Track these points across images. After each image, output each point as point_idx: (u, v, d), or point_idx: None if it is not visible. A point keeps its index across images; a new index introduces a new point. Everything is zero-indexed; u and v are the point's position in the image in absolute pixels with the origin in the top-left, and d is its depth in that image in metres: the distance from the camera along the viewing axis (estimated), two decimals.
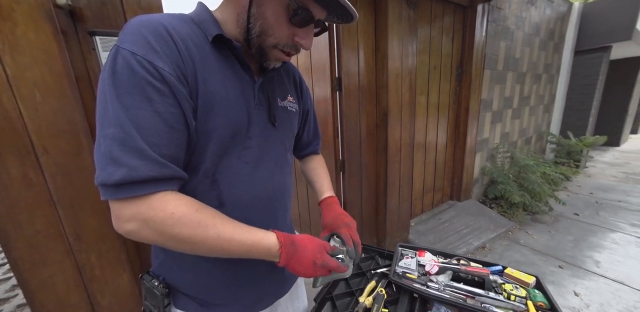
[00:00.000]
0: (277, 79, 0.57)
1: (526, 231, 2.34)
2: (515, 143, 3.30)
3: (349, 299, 0.74)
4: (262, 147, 0.51)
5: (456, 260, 0.82)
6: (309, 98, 0.70)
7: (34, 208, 0.73)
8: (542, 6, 3.00)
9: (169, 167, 0.37)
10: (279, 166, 0.55)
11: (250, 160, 0.49)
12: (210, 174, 0.45)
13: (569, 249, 2.05)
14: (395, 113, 1.68)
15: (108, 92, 0.35)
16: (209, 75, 0.42)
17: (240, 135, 0.47)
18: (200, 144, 0.43)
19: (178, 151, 0.39)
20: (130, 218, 0.36)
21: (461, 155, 2.47)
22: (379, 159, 1.77)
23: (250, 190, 0.50)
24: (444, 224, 2.19)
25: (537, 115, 3.68)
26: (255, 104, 0.49)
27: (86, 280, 0.86)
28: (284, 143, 0.57)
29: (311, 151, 0.77)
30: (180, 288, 0.53)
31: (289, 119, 0.58)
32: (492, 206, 2.69)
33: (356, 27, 1.47)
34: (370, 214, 1.87)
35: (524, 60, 2.94)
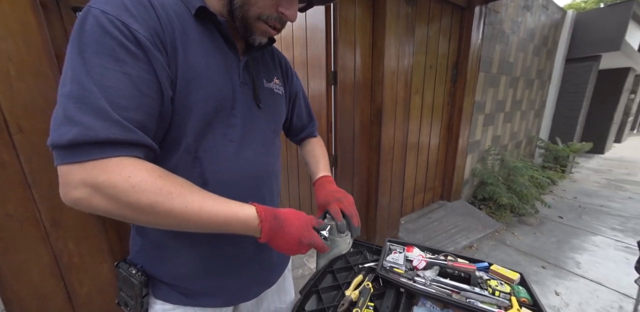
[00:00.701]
0: (262, 61, 0.55)
1: (512, 232, 2.38)
2: (505, 146, 3.35)
3: (335, 292, 0.73)
4: (247, 127, 0.49)
5: (443, 256, 0.82)
6: (297, 82, 0.69)
7: (5, 190, 0.69)
8: (538, 12, 3.05)
9: (134, 132, 0.33)
10: (266, 148, 0.53)
11: (235, 138, 0.47)
12: (193, 150, 0.43)
13: (553, 250, 2.10)
14: (390, 110, 1.67)
15: (72, 52, 0.32)
16: (190, 46, 0.40)
17: (224, 112, 0.45)
18: (180, 117, 0.40)
19: (148, 119, 0.35)
20: (80, 183, 0.31)
21: (453, 156, 2.48)
22: (372, 156, 1.76)
23: (235, 169, 0.47)
24: (434, 223, 2.20)
25: (528, 120, 3.74)
26: (241, 83, 0.48)
27: (63, 268, 0.82)
28: (271, 125, 0.55)
29: (307, 135, 0.75)
30: (160, 277, 0.50)
31: (275, 101, 0.57)
32: (481, 207, 2.72)
33: (353, 22, 1.45)
34: (361, 211, 1.86)
35: (517, 65, 2.98)
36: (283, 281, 0.72)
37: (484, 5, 2.14)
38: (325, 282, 0.76)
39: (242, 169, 0.48)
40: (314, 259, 1.89)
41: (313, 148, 0.75)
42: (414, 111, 2.07)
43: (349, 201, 0.58)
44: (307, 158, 0.74)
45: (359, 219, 0.57)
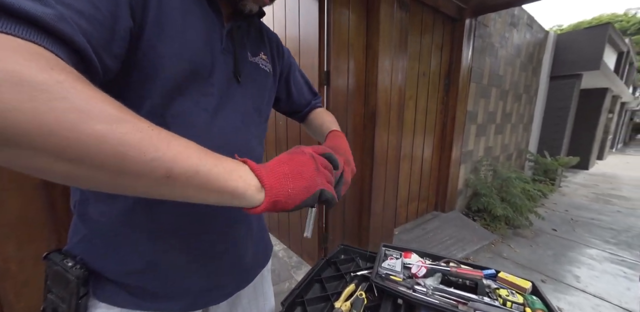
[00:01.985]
0: (248, 33, 0.51)
1: (508, 244, 2.32)
2: (497, 158, 3.39)
3: (323, 304, 0.63)
4: (225, 98, 0.44)
5: (445, 263, 0.74)
6: (291, 59, 0.65)
7: None
8: (523, 30, 3.23)
9: (69, 23, 0.23)
10: (246, 125, 0.48)
11: (209, 108, 0.42)
12: (159, 113, 0.37)
13: (550, 263, 2.04)
14: (384, 114, 1.64)
15: None
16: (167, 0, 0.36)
17: (199, 78, 0.40)
18: (145, 71, 0.35)
19: (102, 43, 0.28)
20: None
21: (446, 165, 2.47)
22: (365, 160, 1.70)
23: (207, 140, 0.39)
24: (428, 234, 2.12)
25: (518, 133, 3.84)
26: (223, 49, 0.43)
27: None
28: (253, 102, 0.50)
29: (311, 107, 0.71)
30: (107, 273, 0.40)
31: (261, 77, 0.52)
32: (475, 218, 2.68)
33: (347, 24, 1.46)
34: (353, 218, 1.77)
35: (506, 78, 3.09)
36: (261, 283, 0.64)
37: (474, 18, 2.24)
38: (313, 293, 0.67)
39: (216, 142, 0.42)
40: (301, 271, 1.75)
41: (321, 115, 0.70)
42: (407, 117, 2.07)
43: (352, 169, 0.52)
44: (315, 124, 0.69)
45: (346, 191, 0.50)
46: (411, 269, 0.69)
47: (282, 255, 1.97)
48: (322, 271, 0.75)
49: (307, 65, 1.50)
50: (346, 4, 1.42)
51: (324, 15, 1.37)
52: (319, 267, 0.74)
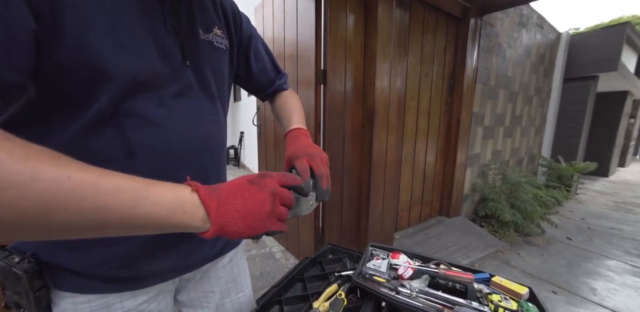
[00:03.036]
0: (197, 4, 0.44)
1: (517, 252, 2.21)
2: (507, 162, 3.28)
3: (302, 304, 0.61)
4: (181, 88, 0.40)
5: (435, 264, 0.70)
6: (250, 30, 0.57)
7: None
8: (533, 30, 3.16)
9: None
10: (207, 113, 0.45)
11: (165, 102, 0.38)
12: (108, 115, 0.34)
13: (563, 274, 1.93)
14: (382, 114, 1.62)
15: None
16: None
17: (153, 71, 0.36)
18: (88, 72, 0.31)
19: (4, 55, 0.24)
20: None
21: (451, 168, 2.40)
22: (363, 161, 1.68)
23: (170, 137, 0.39)
24: (431, 239, 2.05)
25: (529, 137, 3.72)
26: (167, 32, 0.38)
27: None
28: (211, 88, 0.46)
29: (277, 88, 0.66)
30: (64, 263, 0.39)
31: (217, 58, 0.47)
32: (483, 225, 2.58)
33: (345, 22, 1.46)
34: (351, 220, 1.73)
35: (515, 80, 3.02)
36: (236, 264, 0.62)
37: (479, 17, 2.21)
38: (293, 292, 0.65)
39: (179, 138, 0.40)
40: None
41: (285, 101, 0.65)
42: (409, 118, 2.03)
43: (322, 159, 0.49)
44: (279, 112, 0.65)
45: (329, 181, 0.48)
46: (398, 270, 0.66)
47: (279, 257, 1.95)
48: (306, 270, 0.73)
49: (304, 64, 1.50)
50: (343, 3, 1.42)
51: (320, 14, 1.38)
52: (303, 266, 0.72)
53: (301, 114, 0.63)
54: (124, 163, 0.36)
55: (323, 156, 0.50)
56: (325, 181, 0.46)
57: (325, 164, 0.49)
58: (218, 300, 0.58)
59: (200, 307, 0.57)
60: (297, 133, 0.56)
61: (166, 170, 0.39)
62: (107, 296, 0.41)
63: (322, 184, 0.46)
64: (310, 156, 0.48)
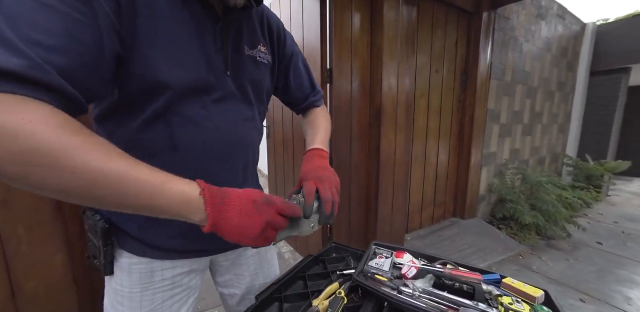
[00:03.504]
0: (247, 24, 0.52)
1: (540, 256, 2.09)
2: (527, 162, 3.12)
3: (302, 302, 0.61)
4: (223, 95, 0.47)
5: (441, 264, 0.68)
6: (293, 48, 0.64)
7: None
8: (553, 22, 3.00)
9: (43, 70, 0.26)
10: (244, 118, 0.52)
11: (207, 105, 0.46)
12: (161, 114, 0.42)
13: (593, 281, 1.79)
14: (390, 113, 1.60)
15: None
16: (155, 9, 0.38)
17: (202, 81, 0.44)
18: (148, 82, 0.39)
19: (84, 70, 0.30)
20: None
21: (465, 168, 2.32)
22: (371, 161, 1.66)
23: (207, 135, 0.46)
24: (445, 242, 1.98)
25: (551, 135, 3.52)
26: (217, 49, 0.46)
27: (9, 256, 0.75)
28: (249, 97, 0.52)
29: (310, 104, 0.70)
30: (128, 229, 0.49)
31: (259, 71, 0.54)
32: (501, 227, 2.46)
33: (350, 20, 1.46)
34: (359, 221, 1.71)
35: (534, 75, 2.88)
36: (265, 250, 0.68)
37: (493, 11, 2.13)
38: (294, 290, 0.65)
39: (216, 136, 0.47)
40: None
41: (314, 119, 0.69)
42: (419, 116, 1.99)
43: (331, 183, 0.51)
44: (306, 130, 0.70)
45: (336, 206, 0.49)
46: (401, 270, 0.64)
47: (288, 257, 1.96)
48: (309, 268, 0.73)
49: (310, 64, 1.51)
50: (349, 1, 1.43)
51: (325, 14, 1.39)
52: (305, 264, 0.72)
53: (325, 134, 0.66)
54: (169, 154, 0.44)
55: (333, 180, 0.52)
56: (329, 206, 0.47)
57: (334, 187, 0.51)
58: (248, 282, 0.66)
59: (233, 288, 0.65)
60: (313, 154, 0.59)
61: (202, 163, 0.46)
62: (154, 263, 0.50)
63: (325, 209, 0.47)
64: (320, 179, 0.50)
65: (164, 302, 0.51)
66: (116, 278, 0.50)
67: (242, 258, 0.64)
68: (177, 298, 0.53)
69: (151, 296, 0.50)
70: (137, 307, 0.49)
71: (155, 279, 0.50)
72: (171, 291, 0.52)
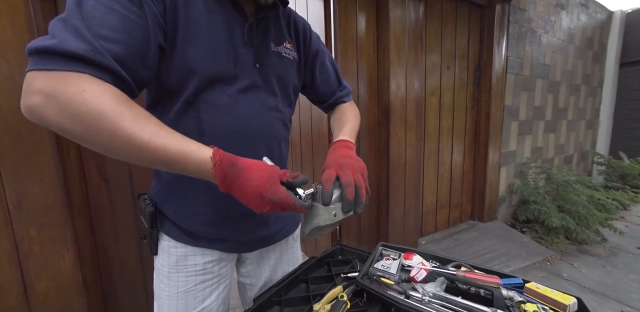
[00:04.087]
0: (273, 23, 0.57)
1: (570, 262, 1.93)
2: (551, 161, 2.93)
3: (303, 306, 0.58)
4: (248, 85, 0.52)
5: (455, 267, 0.63)
6: (319, 46, 0.67)
7: None
8: (575, 12, 2.84)
9: (105, 56, 0.34)
10: (267, 108, 0.55)
11: (232, 94, 0.50)
12: (192, 100, 0.48)
13: (635, 290, 1.63)
14: (399, 110, 1.55)
15: None
16: (192, 4, 0.45)
17: (225, 71, 0.49)
18: (182, 70, 0.45)
19: (127, 56, 0.37)
20: (37, 90, 0.31)
21: (482, 167, 2.21)
22: (381, 160, 1.61)
23: (229, 122, 0.50)
24: (462, 245, 1.88)
25: (578, 132, 3.30)
26: (244, 43, 0.51)
27: (22, 256, 0.78)
28: (273, 88, 0.56)
29: (337, 100, 0.72)
30: (168, 214, 0.56)
31: (283, 65, 0.57)
32: (524, 230, 2.31)
33: (354, 18, 1.44)
34: (370, 224, 1.66)
35: (556, 68, 2.72)
36: (287, 249, 0.71)
37: (507, 3, 2.05)
38: (295, 292, 0.62)
39: (238, 124, 0.51)
40: None
41: (341, 114, 0.70)
42: (430, 114, 1.93)
43: (353, 168, 0.49)
44: (333, 125, 0.70)
45: (362, 192, 0.47)
46: (410, 272, 0.60)
47: None
48: (312, 270, 0.70)
49: None
50: None
51: (329, 12, 1.38)
52: (308, 266, 0.69)
53: (352, 126, 0.66)
54: (197, 139, 0.46)
55: (357, 166, 0.50)
56: (351, 190, 0.45)
57: (359, 173, 0.49)
58: (267, 276, 0.69)
59: (253, 277, 0.69)
60: (337, 145, 0.59)
61: (227, 147, 0.48)
62: (187, 248, 0.55)
63: (347, 193, 0.45)
64: (340, 166, 0.49)
65: (196, 285, 0.57)
66: (159, 258, 0.57)
67: (265, 252, 0.67)
68: (208, 283, 0.58)
69: (184, 277, 0.56)
70: (174, 286, 0.56)
71: (188, 263, 0.56)
72: (202, 276, 0.57)
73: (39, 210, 0.79)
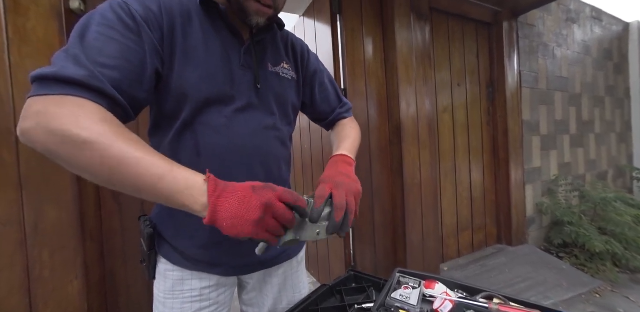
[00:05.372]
0: (270, 45, 0.59)
1: (625, 295, 1.71)
2: (582, 177, 2.76)
3: None
4: (245, 106, 0.53)
5: (486, 298, 0.58)
6: (317, 65, 0.69)
7: None
8: (588, 25, 2.86)
9: (101, 81, 0.36)
10: (263, 127, 0.56)
11: (229, 115, 0.51)
12: (189, 122, 0.49)
13: None
14: (410, 128, 1.56)
15: (82, 23, 0.40)
16: (191, 32, 0.48)
17: (221, 92, 0.50)
18: (179, 93, 0.47)
19: (123, 81, 0.39)
20: (33, 114, 0.33)
21: (505, 186, 2.11)
22: (395, 180, 1.58)
23: (225, 143, 0.51)
24: (491, 272, 1.73)
25: (609, 145, 3.13)
26: (241, 66, 0.53)
27: (33, 281, 0.80)
28: (271, 107, 0.57)
29: (337, 116, 0.73)
30: (166, 237, 0.55)
31: (281, 85, 0.59)
32: (562, 256, 2.11)
33: (361, 39, 1.52)
34: (386, 248, 1.59)
35: (574, 80, 2.68)
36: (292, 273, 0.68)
37: (514, 20, 2.10)
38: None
39: (233, 143, 0.52)
40: None
41: (341, 129, 0.71)
42: (444, 131, 1.91)
43: (349, 189, 0.48)
44: (333, 140, 0.71)
45: (350, 215, 0.46)
46: (433, 304, 0.56)
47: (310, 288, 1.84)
48: (323, 300, 0.67)
49: None
50: (359, 22, 1.50)
51: (337, 35, 1.47)
52: (318, 295, 0.66)
53: (353, 142, 0.66)
54: (194, 160, 0.50)
55: (352, 187, 0.49)
56: (340, 213, 0.44)
57: (352, 195, 0.48)
58: (271, 305, 0.66)
59: (258, 307, 0.67)
60: (337, 159, 0.59)
61: (223, 167, 0.51)
62: (184, 272, 0.55)
63: (335, 216, 0.43)
64: (336, 184, 0.48)
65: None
66: (156, 283, 0.57)
67: (268, 276, 0.65)
68: (205, 311, 0.56)
69: (180, 304, 0.55)
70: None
71: (185, 288, 0.55)
72: (199, 303, 0.56)
73: (53, 233, 0.82)
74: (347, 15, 1.46)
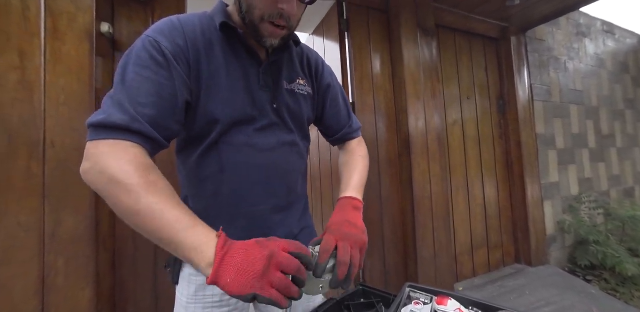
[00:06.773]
0: (286, 63, 0.62)
1: None
2: (606, 193, 2.63)
3: None
4: (264, 125, 0.57)
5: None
6: (330, 80, 0.70)
7: (24, 200, 0.80)
8: (600, 38, 2.85)
9: (139, 122, 0.42)
10: (282, 144, 0.59)
11: (250, 133, 0.55)
12: (215, 142, 0.54)
13: None
14: (420, 141, 1.56)
15: (121, 64, 0.46)
16: (214, 58, 0.52)
17: (245, 114, 0.54)
18: (209, 118, 0.52)
19: (160, 116, 0.45)
20: (90, 156, 0.40)
21: (521, 201, 2.03)
22: (405, 193, 1.57)
23: (246, 160, 0.55)
24: (510, 294, 1.63)
25: (634, 160, 2.99)
26: (260, 86, 0.56)
27: (47, 288, 0.82)
28: (289, 125, 0.60)
29: (345, 135, 0.73)
30: None
31: (296, 102, 0.62)
32: (589, 279, 1.97)
33: (369, 55, 1.58)
34: (397, 264, 1.54)
35: (591, 93, 2.64)
36: None
37: (522, 35, 2.13)
38: None
39: (254, 161, 0.56)
40: None
41: (350, 157, 0.71)
42: (454, 145, 1.90)
43: (355, 242, 0.49)
44: (341, 170, 0.71)
45: (354, 271, 0.46)
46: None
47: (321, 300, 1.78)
48: None
49: None
50: (366, 38, 1.57)
51: (345, 51, 1.54)
52: (326, 309, 0.65)
53: (361, 177, 0.67)
54: (218, 177, 0.55)
55: (359, 240, 0.50)
56: (344, 269, 0.44)
57: (357, 247, 0.48)
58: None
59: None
60: (346, 203, 0.59)
61: (245, 183, 0.55)
62: None
63: (338, 271, 0.44)
64: (342, 236, 0.48)
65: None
66: (180, 287, 0.59)
67: None
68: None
69: (201, 309, 0.56)
70: None
71: (207, 293, 0.57)
72: (219, 309, 0.57)
73: (69, 241, 0.85)
74: (354, 32, 1.54)
